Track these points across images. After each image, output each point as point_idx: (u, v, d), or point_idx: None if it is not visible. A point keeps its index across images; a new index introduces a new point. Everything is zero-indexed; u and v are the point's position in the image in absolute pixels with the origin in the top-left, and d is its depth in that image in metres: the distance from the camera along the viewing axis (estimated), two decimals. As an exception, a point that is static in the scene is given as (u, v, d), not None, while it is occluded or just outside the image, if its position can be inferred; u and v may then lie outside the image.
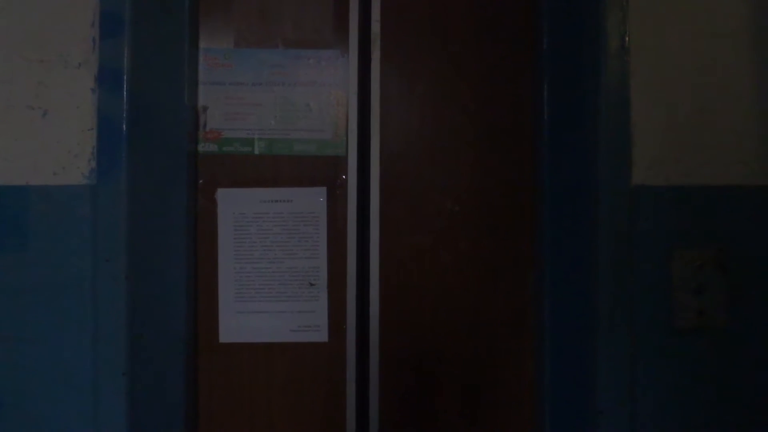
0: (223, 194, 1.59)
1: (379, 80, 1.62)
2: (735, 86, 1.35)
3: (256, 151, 1.60)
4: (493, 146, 1.64)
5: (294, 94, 1.62)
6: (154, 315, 1.39)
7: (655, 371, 1.33)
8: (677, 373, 1.34)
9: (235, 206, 1.59)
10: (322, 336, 1.61)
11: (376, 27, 1.61)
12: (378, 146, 1.61)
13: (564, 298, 1.48)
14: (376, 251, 1.60)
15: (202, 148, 1.59)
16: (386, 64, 1.62)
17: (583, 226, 1.38)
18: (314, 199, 1.60)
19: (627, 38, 1.31)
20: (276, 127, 1.61)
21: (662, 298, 1.33)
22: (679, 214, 1.33)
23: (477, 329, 1.63)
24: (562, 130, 1.49)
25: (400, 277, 1.60)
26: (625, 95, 1.31)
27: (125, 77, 1.29)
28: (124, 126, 1.28)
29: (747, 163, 1.34)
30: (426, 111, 1.63)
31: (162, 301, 1.43)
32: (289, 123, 1.61)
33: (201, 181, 1.58)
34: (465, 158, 1.63)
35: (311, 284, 1.60)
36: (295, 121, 1.61)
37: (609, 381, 1.33)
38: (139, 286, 1.32)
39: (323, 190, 1.61)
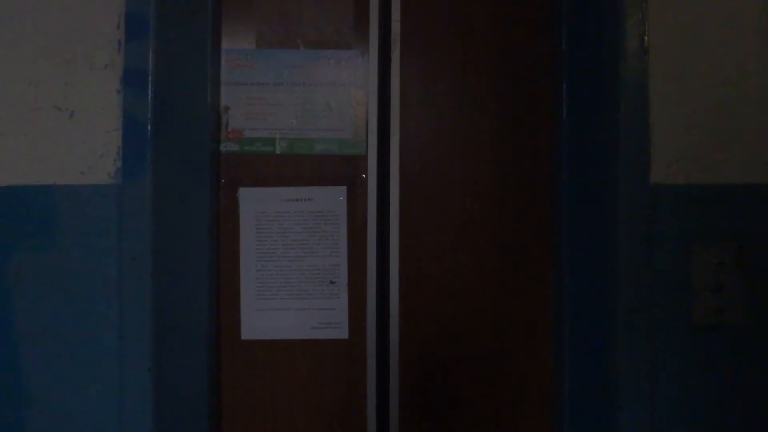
0: (244, 193, 1.60)
1: (399, 80, 1.62)
2: (754, 85, 1.33)
3: (278, 151, 1.61)
4: (513, 145, 1.64)
5: (314, 94, 1.63)
6: (178, 312, 1.40)
7: (675, 368, 1.32)
8: (697, 370, 1.33)
9: (256, 205, 1.60)
10: (342, 333, 1.62)
11: (396, 27, 1.62)
12: (398, 145, 1.61)
13: (583, 295, 1.48)
14: (396, 249, 1.60)
15: (224, 147, 1.60)
16: (406, 64, 1.63)
17: (602, 224, 1.37)
18: (334, 198, 1.61)
19: (646, 38, 1.30)
20: (297, 126, 1.62)
21: (681, 295, 1.32)
22: (698, 212, 1.32)
23: (496, 327, 1.63)
24: (581, 129, 1.49)
25: (419, 275, 1.61)
26: (643, 95, 1.30)
27: (150, 78, 1.29)
28: (149, 126, 1.29)
29: (766, 161, 1.33)
30: (445, 110, 1.64)
31: (185, 298, 1.44)
32: (310, 123, 1.62)
33: (223, 181, 1.60)
34: (484, 156, 1.64)
35: (332, 282, 1.61)
36: (316, 120, 1.62)
37: (628, 378, 1.32)
38: (164, 284, 1.33)
39: (343, 189, 1.62)
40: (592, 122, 1.43)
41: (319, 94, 1.63)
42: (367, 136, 1.62)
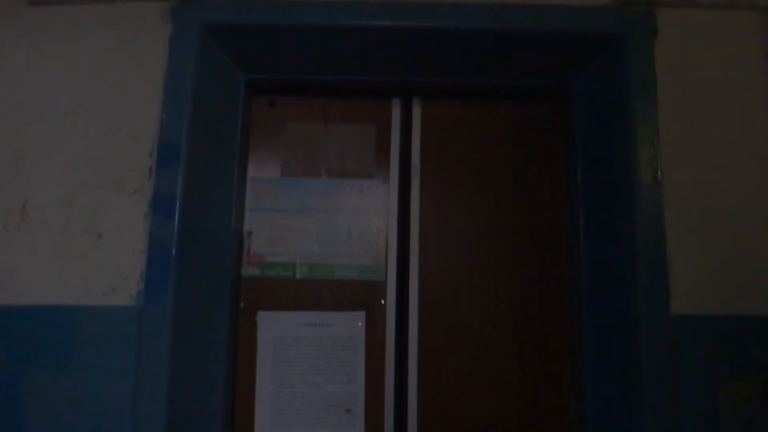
0: (263, 317, 1.60)
1: (419, 208, 1.66)
2: None
3: (298, 276, 1.62)
4: (531, 274, 1.65)
5: (336, 220, 1.66)
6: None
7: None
8: None
9: (274, 329, 1.60)
10: None
11: (416, 159, 1.68)
12: (417, 272, 1.62)
13: (609, 426, 1.42)
14: (414, 377, 1.57)
15: (245, 271, 1.61)
16: (425, 193, 1.67)
17: (624, 354, 1.35)
18: (353, 323, 1.60)
19: (659, 172, 1.32)
20: (318, 252, 1.63)
21: (710, 429, 1.27)
22: (723, 344, 1.29)
23: (518, 461, 1.57)
24: (599, 260, 1.50)
25: (438, 403, 1.57)
26: (659, 226, 1.31)
27: (177, 203, 1.32)
28: (173, 250, 1.31)
29: None
30: (464, 239, 1.66)
31: (200, 422, 1.40)
32: (331, 249, 1.64)
33: (242, 304, 1.60)
34: (503, 285, 1.64)
35: (348, 410, 1.56)
36: (337, 246, 1.64)
37: None
38: (179, 407, 1.31)
39: (362, 314, 1.61)
40: (610, 251, 1.44)
41: (340, 220, 1.66)
42: (386, 263, 1.63)
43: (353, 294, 1.63)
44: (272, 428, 1.56)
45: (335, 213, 1.67)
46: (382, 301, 1.62)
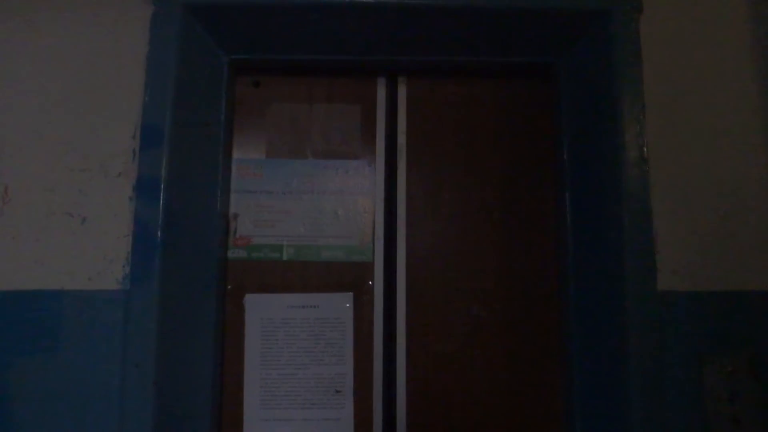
0: (250, 300, 1.59)
1: (405, 188, 1.66)
2: (756, 191, 1.35)
3: (285, 258, 1.62)
4: (518, 252, 1.65)
5: (322, 202, 1.65)
6: (181, 422, 1.35)
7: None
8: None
9: (262, 312, 1.59)
10: None
11: (402, 138, 1.67)
12: (404, 252, 1.62)
13: (594, 404, 1.43)
14: (403, 358, 1.58)
15: (231, 254, 1.61)
16: (412, 173, 1.67)
17: (611, 331, 1.35)
18: (341, 304, 1.60)
19: (645, 149, 1.33)
20: (304, 233, 1.63)
21: (696, 405, 1.29)
22: (708, 320, 1.30)
23: (506, 438, 1.58)
24: (585, 237, 1.50)
25: (427, 383, 1.58)
26: (646, 204, 1.31)
27: (162, 186, 1.31)
28: (159, 233, 1.29)
29: None
30: (451, 217, 1.66)
31: (187, 407, 1.40)
32: (317, 230, 1.63)
33: (229, 287, 1.59)
34: (490, 264, 1.64)
35: (337, 391, 1.57)
36: (323, 228, 1.63)
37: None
38: (167, 392, 1.30)
39: (350, 295, 1.61)
40: (596, 229, 1.44)
41: (326, 202, 1.65)
42: (373, 243, 1.63)
43: (341, 275, 1.63)
44: (261, 410, 1.56)
45: (322, 194, 1.66)
46: (370, 282, 1.62)
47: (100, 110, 1.36)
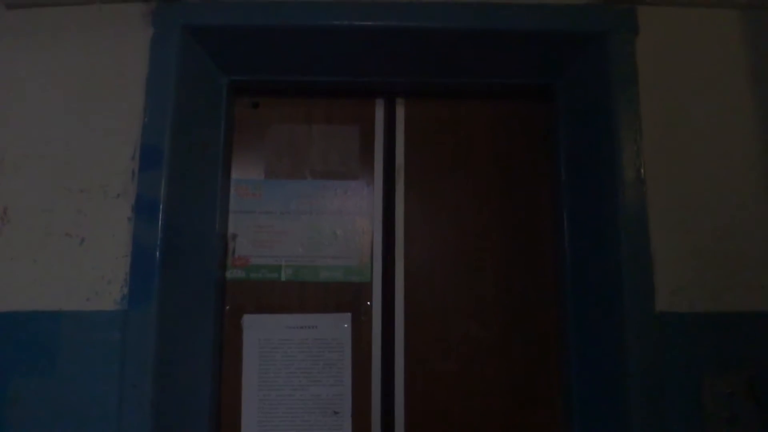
0: (248, 320, 1.59)
1: (404, 208, 1.66)
2: (753, 212, 1.35)
3: (283, 278, 1.62)
4: (516, 273, 1.65)
5: (321, 222, 1.65)
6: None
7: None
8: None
9: (260, 332, 1.59)
10: None
11: (400, 159, 1.68)
12: (402, 272, 1.62)
13: (594, 423, 1.42)
14: (401, 379, 1.58)
15: (230, 274, 1.61)
16: (410, 194, 1.67)
17: (610, 353, 1.34)
18: (339, 325, 1.59)
19: (642, 170, 1.32)
20: (303, 254, 1.63)
21: (695, 427, 1.27)
22: (706, 341, 1.29)
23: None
24: (583, 258, 1.50)
25: (425, 404, 1.56)
26: (643, 224, 1.30)
27: (161, 207, 1.31)
28: (157, 253, 1.29)
29: None
30: (449, 238, 1.66)
31: (185, 428, 1.39)
32: (316, 250, 1.63)
33: (227, 307, 1.59)
34: (489, 285, 1.64)
35: (335, 412, 1.56)
36: (322, 248, 1.64)
37: None
38: (164, 413, 1.28)
39: (348, 316, 1.60)
40: (594, 250, 1.44)
41: (325, 222, 1.65)
42: (372, 263, 1.63)
43: (339, 295, 1.62)
44: (259, 431, 1.55)
45: (320, 215, 1.66)
46: (369, 302, 1.61)
47: (99, 131, 1.36)
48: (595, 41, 1.42)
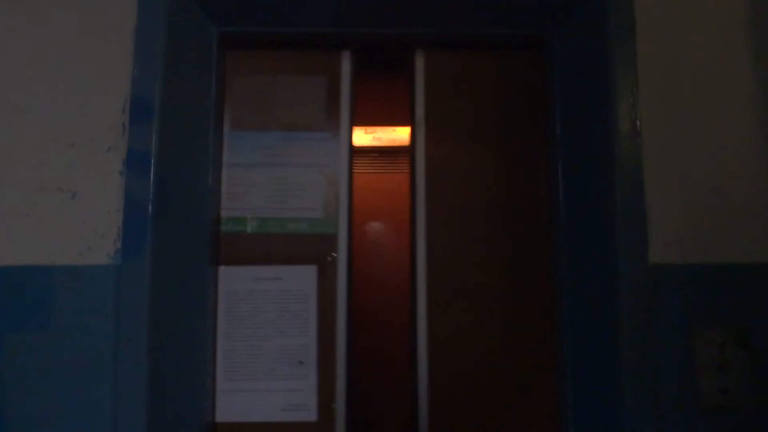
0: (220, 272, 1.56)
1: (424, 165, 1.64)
2: (748, 165, 1.35)
3: (249, 230, 1.59)
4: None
5: (287, 174, 1.61)
6: (170, 396, 1.33)
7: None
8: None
9: (227, 284, 1.56)
10: (311, 415, 1.54)
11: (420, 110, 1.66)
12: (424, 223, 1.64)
13: (586, 374, 1.46)
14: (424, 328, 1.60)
15: (199, 227, 1.56)
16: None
17: (603, 305, 1.36)
18: (305, 276, 1.57)
19: (638, 122, 1.31)
20: (269, 206, 1.61)
21: (687, 376, 1.30)
22: (699, 292, 1.30)
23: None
24: (578, 210, 1.50)
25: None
26: (638, 176, 1.31)
27: (152, 160, 1.27)
28: (149, 207, 1.26)
29: (764, 240, 1.33)
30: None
31: (181, 381, 1.39)
32: (282, 202, 1.60)
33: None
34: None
35: (300, 362, 1.58)
36: (288, 200, 1.60)
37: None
38: (160, 365, 1.27)
39: (314, 268, 1.59)
40: (589, 201, 1.44)
41: (291, 174, 1.61)
42: (337, 216, 1.62)
43: (304, 247, 1.59)
44: (227, 382, 1.55)
45: (286, 166, 1.61)
46: (334, 254, 1.60)
47: (89, 85, 1.30)
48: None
